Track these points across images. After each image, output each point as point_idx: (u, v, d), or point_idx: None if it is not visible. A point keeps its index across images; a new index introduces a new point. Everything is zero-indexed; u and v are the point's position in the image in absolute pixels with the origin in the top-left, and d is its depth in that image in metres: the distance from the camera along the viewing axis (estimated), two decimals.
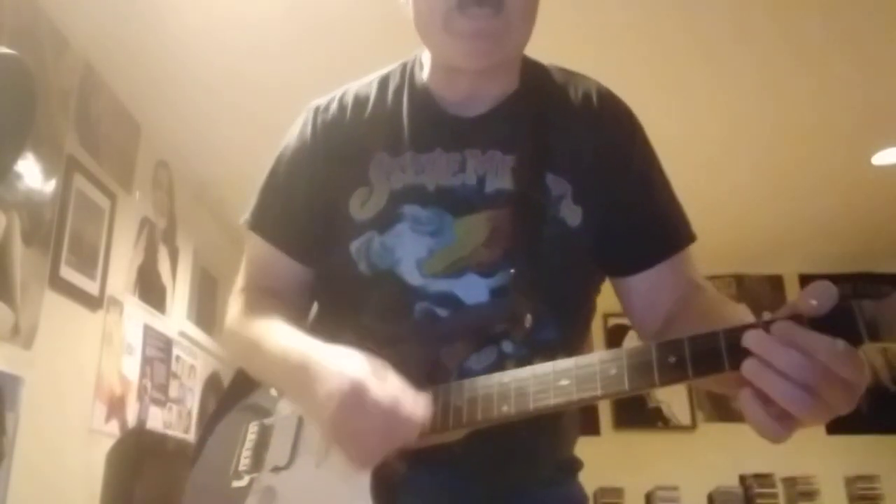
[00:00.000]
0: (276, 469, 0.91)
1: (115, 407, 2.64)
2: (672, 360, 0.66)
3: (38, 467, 2.13)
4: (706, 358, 0.65)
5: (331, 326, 0.95)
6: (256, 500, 0.91)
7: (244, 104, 2.86)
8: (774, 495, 4.19)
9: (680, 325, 0.87)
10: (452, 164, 0.94)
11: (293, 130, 1.06)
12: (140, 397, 2.86)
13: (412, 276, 0.90)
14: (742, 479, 4.24)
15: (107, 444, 2.54)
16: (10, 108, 1.61)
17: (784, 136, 3.18)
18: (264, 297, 1.03)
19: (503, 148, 0.94)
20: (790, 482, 4.20)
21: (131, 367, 2.80)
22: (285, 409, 0.95)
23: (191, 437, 3.37)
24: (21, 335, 2.09)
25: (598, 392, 0.70)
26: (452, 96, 0.98)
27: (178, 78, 2.69)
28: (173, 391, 3.20)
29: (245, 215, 1.06)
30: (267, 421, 0.97)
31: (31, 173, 2.17)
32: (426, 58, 1.02)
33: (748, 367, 0.62)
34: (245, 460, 0.95)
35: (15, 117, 1.65)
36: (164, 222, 3.21)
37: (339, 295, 0.99)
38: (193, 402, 3.47)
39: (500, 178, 0.93)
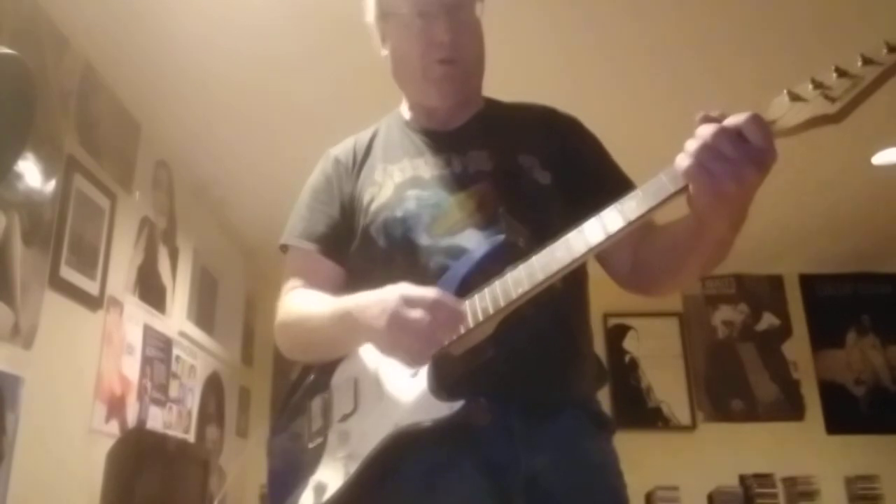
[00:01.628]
0: (345, 417, 1.06)
1: (115, 407, 2.64)
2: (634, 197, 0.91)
3: (38, 467, 2.13)
4: (657, 190, 0.89)
5: None
6: (334, 445, 1.05)
7: (244, 104, 2.86)
8: (774, 495, 4.20)
9: (646, 265, 1.12)
10: (441, 162, 1.20)
11: (314, 172, 1.31)
12: (140, 397, 2.86)
13: (422, 238, 1.11)
14: (742, 479, 4.24)
15: (107, 444, 2.53)
16: (10, 108, 1.61)
17: None
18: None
19: (479, 147, 1.20)
20: (790, 482, 4.21)
21: (131, 367, 2.80)
22: (339, 380, 1.11)
23: (191, 437, 3.38)
24: (21, 335, 2.09)
25: (583, 250, 0.92)
26: (432, 124, 1.26)
27: (178, 78, 2.69)
28: (173, 391, 3.20)
29: (281, 238, 1.26)
30: (325, 393, 1.12)
31: (31, 173, 2.17)
32: (404, 106, 1.32)
33: (687, 144, 0.86)
34: (315, 424, 1.10)
35: (15, 117, 1.65)
36: (164, 222, 3.21)
37: (365, 276, 1.14)
38: (193, 402, 3.47)
39: (481, 164, 1.18)
